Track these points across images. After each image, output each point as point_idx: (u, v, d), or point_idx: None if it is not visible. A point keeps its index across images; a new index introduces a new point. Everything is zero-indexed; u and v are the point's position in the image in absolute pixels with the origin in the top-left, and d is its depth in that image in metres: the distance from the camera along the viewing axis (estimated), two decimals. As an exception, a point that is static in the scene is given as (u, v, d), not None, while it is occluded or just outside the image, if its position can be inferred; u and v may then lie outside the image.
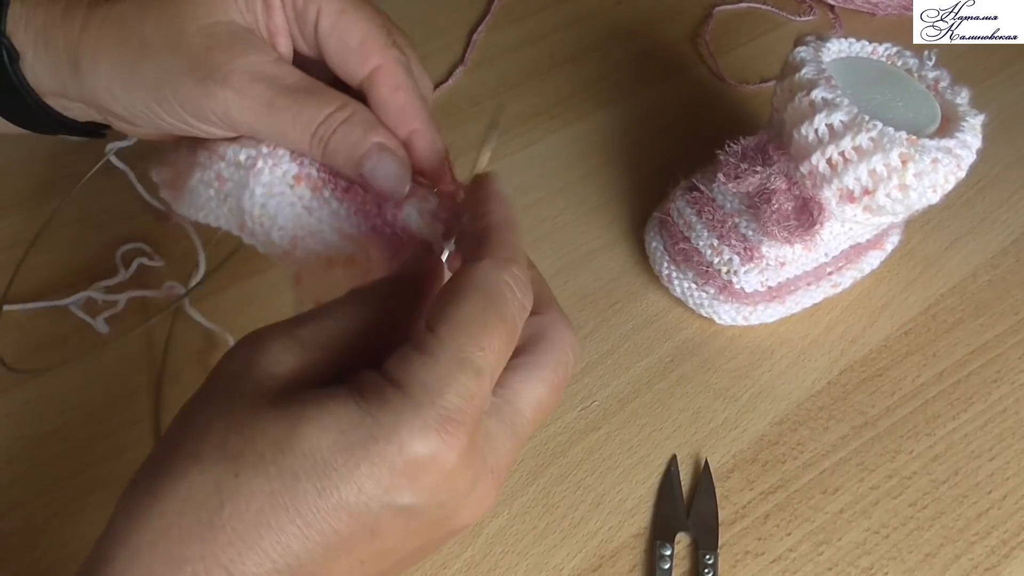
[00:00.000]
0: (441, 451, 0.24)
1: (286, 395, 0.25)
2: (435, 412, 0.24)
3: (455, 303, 0.26)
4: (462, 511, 0.26)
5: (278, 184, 0.33)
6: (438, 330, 0.25)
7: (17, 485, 0.42)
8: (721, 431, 0.46)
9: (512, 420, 0.28)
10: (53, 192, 0.54)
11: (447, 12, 0.69)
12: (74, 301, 0.48)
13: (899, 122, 0.44)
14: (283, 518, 0.24)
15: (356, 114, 0.33)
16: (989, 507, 0.43)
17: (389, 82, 0.34)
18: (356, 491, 0.24)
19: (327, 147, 0.33)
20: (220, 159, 0.34)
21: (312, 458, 0.24)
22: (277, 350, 0.26)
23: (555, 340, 0.29)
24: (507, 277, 0.27)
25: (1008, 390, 0.48)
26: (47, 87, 0.35)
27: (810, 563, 0.41)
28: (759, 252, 0.47)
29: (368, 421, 0.24)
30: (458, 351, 0.25)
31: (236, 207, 0.33)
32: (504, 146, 0.59)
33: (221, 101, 0.32)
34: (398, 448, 0.24)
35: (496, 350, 0.26)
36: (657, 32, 0.69)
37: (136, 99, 0.34)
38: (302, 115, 0.32)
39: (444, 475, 0.25)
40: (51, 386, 0.45)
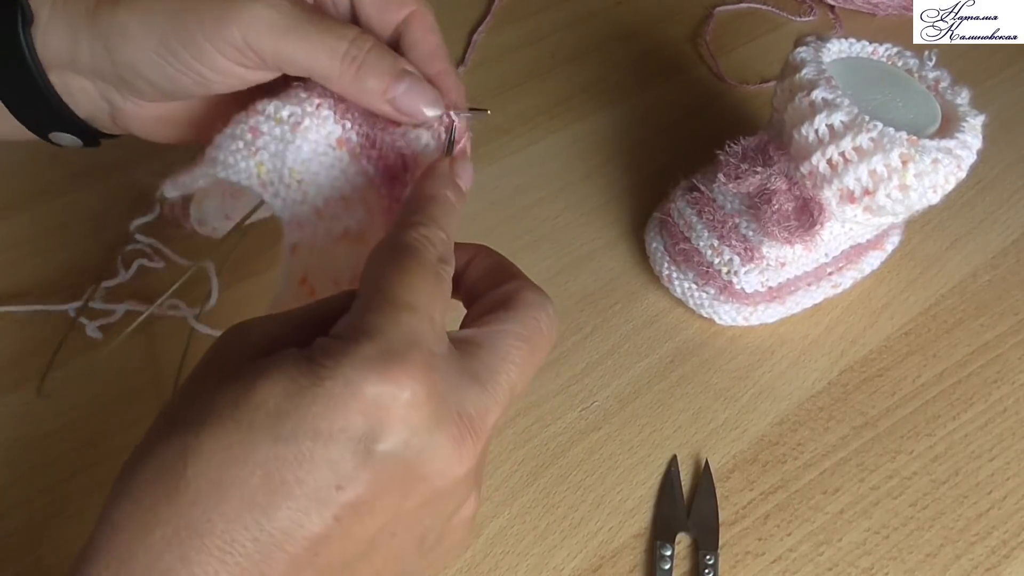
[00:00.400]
0: (390, 384, 0.24)
1: (247, 364, 0.25)
2: (375, 348, 0.24)
3: (373, 262, 0.27)
4: (430, 454, 0.25)
5: (323, 143, 0.33)
6: (365, 288, 0.27)
7: (17, 485, 0.42)
8: (721, 431, 0.46)
9: (477, 370, 0.27)
10: (53, 192, 0.54)
11: (447, 12, 0.69)
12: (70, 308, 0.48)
13: (899, 122, 0.44)
14: (244, 471, 0.23)
15: (379, 43, 0.34)
16: (989, 507, 0.43)
17: (423, 25, 0.35)
18: (311, 434, 0.24)
19: (360, 69, 0.33)
20: (258, 113, 0.33)
21: (264, 408, 0.24)
22: (252, 332, 0.27)
23: (520, 300, 0.29)
24: (415, 234, 0.28)
25: (1008, 390, 0.48)
26: (56, 54, 0.35)
27: (810, 563, 0.41)
28: (759, 252, 0.47)
29: (314, 367, 0.24)
30: (386, 295, 0.26)
31: (270, 163, 0.33)
32: (504, 146, 0.59)
33: (249, 15, 0.32)
34: (344, 385, 0.24)
35: (423, 290, 0.26)
36: (657, 32, 0.69)
37: (152, 34, 0.33)
38: (331, 33, 0.33)
39: (398, 409, 0.24)
40: (51, 387, 0.45)
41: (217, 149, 0.34)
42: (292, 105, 0.33)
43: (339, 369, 0.24)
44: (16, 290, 0.49)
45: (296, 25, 0.32)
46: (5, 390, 0.45)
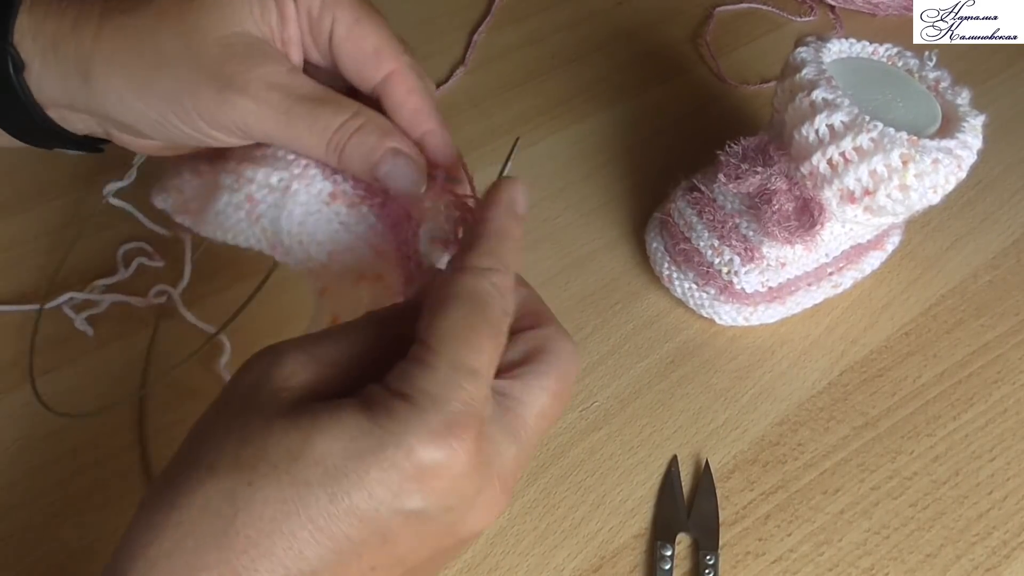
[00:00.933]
0: (448, 456, 0.25)
1: (298, 407, 0.26)
2: (440, 418, 0.25)
3: (442, 313, 0.27)
4: (469, 517, 0.27)
5: (315, 203, 0.34)
6: (429, 340, 0.26)
7: (17, 486, 0.42)
8: (722, 432, 0.46)
9: (514, 427, 0.28)
10: (53, 192, 0.54)
11: (447, 13, 0.69)
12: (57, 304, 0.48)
13: (900, 123, 0.44)
14: (295, 524, 0.24)
15: (369, 121, 0.34)
16: (990, 508, 0.43)
17: (403, 86, 0.35)
18: (367, 497, 0.24)
19: (343, 153, 0.34)
20: (249, 182, 0.34)
21: (323, 465, 0.24)
22: (291, 364, 0.27)
23: (555, 351, 0.30)
24: (488, 285, 0.28)
25: (1009, 390, 0.48)
26: (52, 98, 0.36)
27: (811, 563, 0.41)
28: (760, 253, 0.47)
29: (377, 430, 0.25)
30: (452, 357, 0.26)
31: (271, 228, 0.34)
32: (505, 147, 0.59)
33: (240, 110, 0.33)
34: (406, 454, 0.24)
35: (487, 351, 0.27)
36: (658, 33, 0.69)
37: (151, 109, 0.34)
38: (317, 123, 0.33)
39: (452, 479, 0.25)
40: (51, 388, 0.45)
41: (220, 216, 0.35)
42: (280, 171, 0.34)
43: (403, 437, 0.25)
44: (17, 290, 0.49)
45: (284, 118, 0.33)
46: (5, 390, 0.45)
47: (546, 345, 0.30)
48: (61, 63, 0.34)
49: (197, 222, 0.36)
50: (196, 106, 0.33)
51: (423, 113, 0.35)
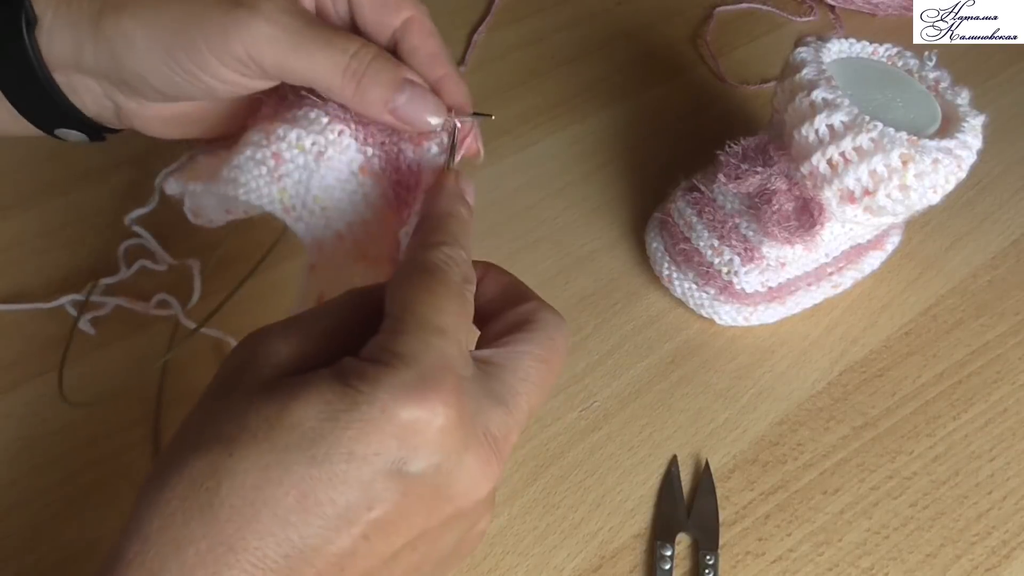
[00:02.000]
0: (425, 410, 0.25)
1: (278, 381, 0.26)
2: (411, 373, 0.25)
3: (401, 285, 0.28)
4: (459, 477, 0.26)
5: (345, 171, 0.34)
6: (394, 310, 0.27)
7: (17, 486, 0.42)
8: (722, 431, 0.46)
9: (498, 390, 0.28)
10: (53, 192, 0.54)
11: (447, 13, 0.69)
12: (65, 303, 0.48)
13: (900, 123, 0.44)
14: (278, 491, 0.24)
15: (382, 52, 0.34)
16: (989, 507, 0.43)
17: (422, 30, 0.35)
18: (346, 456, 0.24)
19: (362, 80, 0.33)
20: (280, 139, 0.34)
21: (300, 429, 0.24)
22: (274, 343, 0.27)
23: (538, 321, 0.30)
24: (439, 254, 0.29)
25: (1009, 390, 0.48)
26: (61, 56, 0.35)
27: (811, 563, 0.41)
28: (759, 253, 0.47)
29: (350, 391, 0.25)
30: (416, 318, 0.26)
31: (294, 190, 0.34)
32: (505, 147, 0.59)
33: (251, 32, 0.32)
34: (381, 410, 0.25)
35: (450, 312, 0.27)
36: (658, 33, 0.69)
37: (157, 43, 0.33)
38: (332, 47, 0.33)
39: (433, 434, 0.25)
40: (51, 387, 0.45)
41: (237, 170, 0.34)
42: (315, 134, 0.34)
43: (375, 394, 0.25)
44: (17, 290, 0.49)
45: (297, 40, 0.33)
46: (5, 390, 0.45)
47: (529, 316, 0.30)
48: (74, 12, 0.34)
49: (209, 182, 0.36)
50: (204, 32, 0.33)
51: (440, 57, 0.35)
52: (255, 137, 0.34)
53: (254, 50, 0.33)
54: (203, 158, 0.38)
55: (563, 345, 0.30)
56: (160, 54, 0.33)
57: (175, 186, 0.39)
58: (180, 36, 0.33)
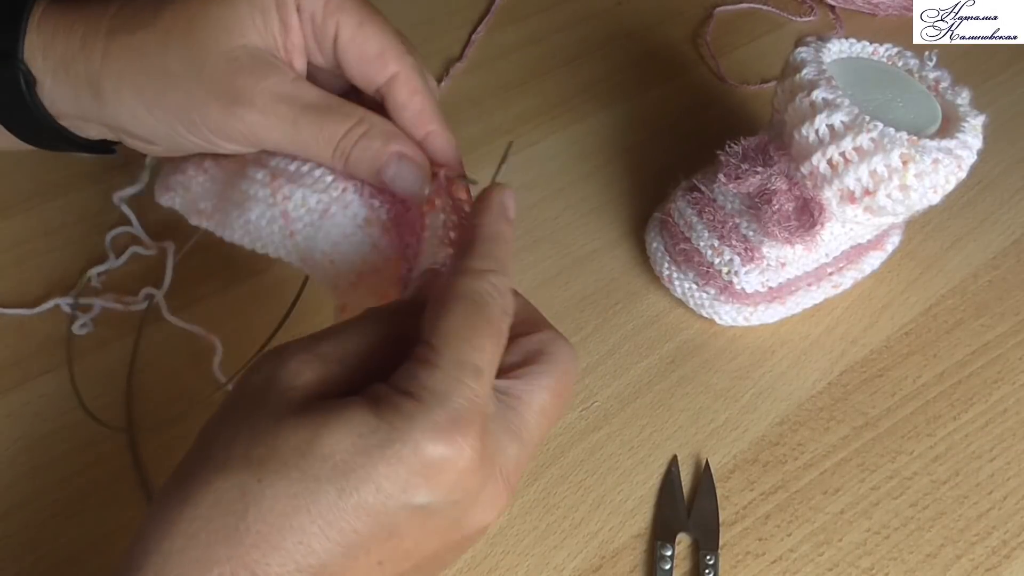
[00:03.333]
0: (453, 450, 0.25)
1: (306, 405, 0.26)
2: (445, 414, 0.25)
3: (444, 314, 0.28)
4: (474, 512, 0.27)
5: (350, 226, 0.35)
6: (432, 340, 0.27)
7: (17, 486, 0.42)
8: (722, 431, 0.46)
9: (516, 425, 0.29)
10: (53, 192, 0.54)
11: (447, 13, 0.69)
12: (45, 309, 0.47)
13: (900, 123, 0.44)
14: (305, 519, 0.25)
15: (374, 127, 0.35)
16: (990, 507, 0.43)
17: (407, 87, 0.36)
18: (374, 491, 0.25)
19: (349, 159, 0.35)
20: (286, 199, 0.35)
21: (332, 461, 0.25)
22: (296, 364, 0.27)
23: (553, 353, 0.30)
24: (487, 286, 0.28)
25: (1009, 390, 0.48)
26: (64, 111, 0.37)
27: (811, 563, 0.41)
28: (760, 253, 0.47)
29: (384, 426, 0.25)
30: (456, 355, 0.27)
31: (305, 245, 0.35)
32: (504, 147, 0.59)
33: (248, 123, 0.34)
34: (413, 449, 0.25)
35: (488, 351, 0.27)
36: (658, 33, 0.69)
37: (161, 123, 0.35)
38: (324, 131, 0.34)
39: (457, 474, 0.26)
40: (51, 387, 0.45)
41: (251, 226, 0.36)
42: (319, 192, 0.35)
43: (410, 433, 0.25)
44: (17, 289, 0.49)
45: (291, 128, 0.34)
46: (5, 390, 0.45)
47: (544, 348, 0.30)
48: (72, 81, 0.35)
49: (220, 226, 0.37)
50: (205, 120, 0.34)
51: (426, 114, 0.36)
52: (260, 193, 0.35)
53: (252, 137, 0.34)
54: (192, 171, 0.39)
55: (574, 377, 0.31)
56: (164, 129, 0.35)
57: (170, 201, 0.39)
58: (183, 119, 0.35)
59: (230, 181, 0.37)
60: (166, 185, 0.39)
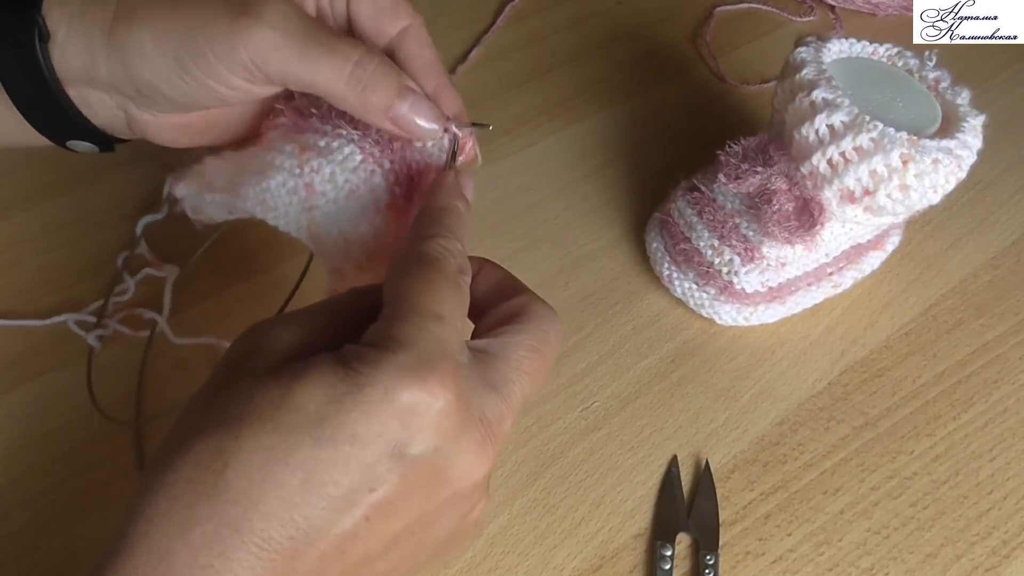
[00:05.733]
0: (423, 393, 0.26)
1: (281, 365, 0.27)
2: (410, 357, 0.26)
3: (399, 275, 0.28)
4: (457, 459, 0.27)
5: (371, 208, 0.35)
6: (392, 299, 0.28)
7: (17, 486, 0.42)
8: (722, 431, 0.46)
9: (493, 378, 0.29)
10: (53, 192, 0.54)
11: (448, 13, 0.69)
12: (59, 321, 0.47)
13: (900, 123, 0.44)
14: (283, 472, 0.25)
15: (384, 59, 0.34)
16: (990, 507, 0.43)
17: (418, 40, 0.36)
18: (350, 437, 0.25)
19: (364, 89, 0.34)
20: (313, 172, 0.34)
21: (305, 411, 0.25)
22: (277, 331, 0.28)
23: (530, 312, 0.31)
24: (436, 246, 0.29)
25: (1009, 390, 0.48)
26: (73, 70, 0.36)
27: (811, 563, 0.41)
28: (760, 252, 0.47)
29: (352, 374, 0.25)
30: (414, 306, 0.27)
31: (323, 220, 0.35)
32: (505, 146, 0.59)
33: (256, 39, 0.33)
34: (383, 393, 0.25)
35: (447, 300, 0.28)
36: (658, 33, 0.69)
37: (167, 52, 0.34)
38: (336, 54, 0.33)
39: (432, 417, 0.26)
40: (51, 387, 0.45)
41: (268, 194, 0.35)
42: (348, 171, 0.35)
43: (377, 376, 0.25)
44: (17, 290, 0.49)
45: (301, 47, 0.33)
46: (5, 391, 0.45)
47: (521, 308, 0.31)
48: (87, 25, 0.35)
49: (232, 196, 0.36)
50: (211, 41, 0.33)
51: (435, 67, 0.36)
52: (287, 163, 0.35)
53: (258, 57, 0.33)
54: (210, 159, 0.38)
55: (555, 337, 0.31)
56: (170, 62, 0.34)
57: (185, 189, 0.39)
58: (188, 44, 0.33)
59: (251, 157, 0.37)
60: (182, 175, 0.39)
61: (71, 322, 0.47)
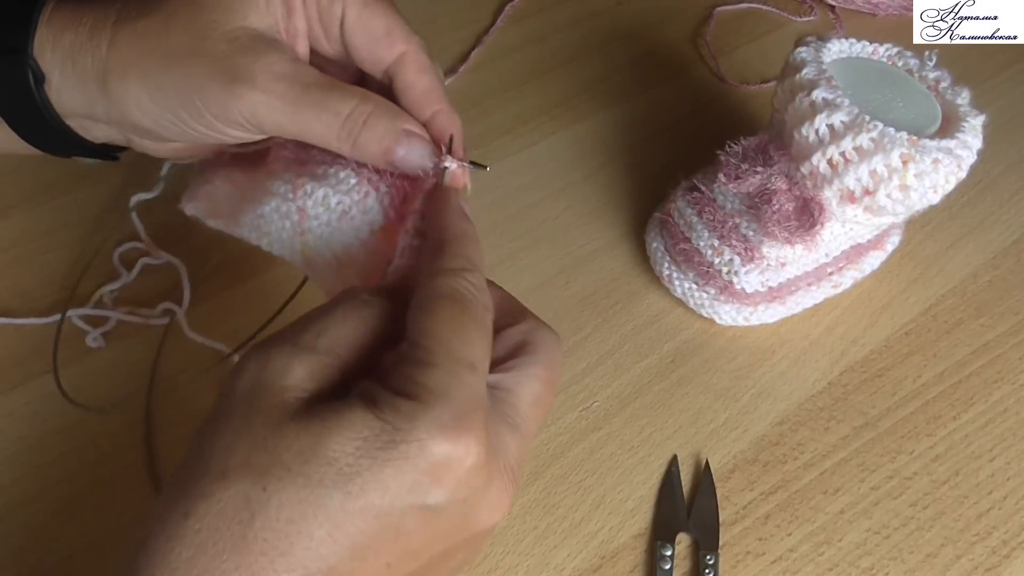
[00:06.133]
0: (461, 449, 0.25)
1: (303, 407, 0.26)
2: (449, 412, 0.25)
3: (429, 314, 0.28)
4: (481, 508, 0.27)
5: (365, 231, 0.35)
6: (422, 341, 0.27)
7: (17, 486, 0.42)
8: (722, 431, 0.46)
9: (512, 417, 0.29)
10: (53, 192, 0.54)
11: (448, 13, 0.69)
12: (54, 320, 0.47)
13: (900, 123, 0.44)
14: (312, 524, 0.24)
15: (378, 106, 0.34)
16: (990, 507, 0.43)
17: (415, 66, 0.36)
18: (382, 493, 0.25)
19: (357, 141, 0.34)
20: (306, 196, 0.35)
21: (337, 465, 0.25)
22: (283, 361, 0.27)
23: (539, 342, 0.31)
24: (465, 283, 0.29)
25: (1009, 390, 0.48)
26: (71, 108, 0.36)
27: (811, 563, 0.41)
28: (760, 252, 0.47)
29: (388, 428, 0.25)
30: (448, 352, 0.26)
31: (315, 244, 0.35)
32: (505, 147, 0.59)
33: (248, 102, 0.33)
34: (419, 449, 0.25)
35: (478, 345, 0.28)
36: (658, 33, 0.69)
37: (164, 108, 0.35)
38: (327, 111, 0.34)
39: (465, 472, 0.26)
40: (51, 387, 0.45)
41: (262, 220, 0.35)
42: (341, 194, 0.35)
43: (414, 433, 0.25)
44: (16, 289, 0.49)
45: (293, 108, 0.33)
46: (5, 390, 0.45)
47: (529, 338, 0.31)
48: (80, 73, 0.35)
49: (230, 223, 0.37)
50: (205, 102, 0.34)
51: (434, 93, 0.36)
52: (281, 188, 0.35)
53: (252, 118, 0.34)
54: (221, 183, 0.39)
55: (560, 362, 0.31)
56: (168, 115, 0.35)
57: (194, 209, 0.40)
58: (183, 102, 0.34)
59: (255, 185, 0.37)
60: (193, 195, 0.40)
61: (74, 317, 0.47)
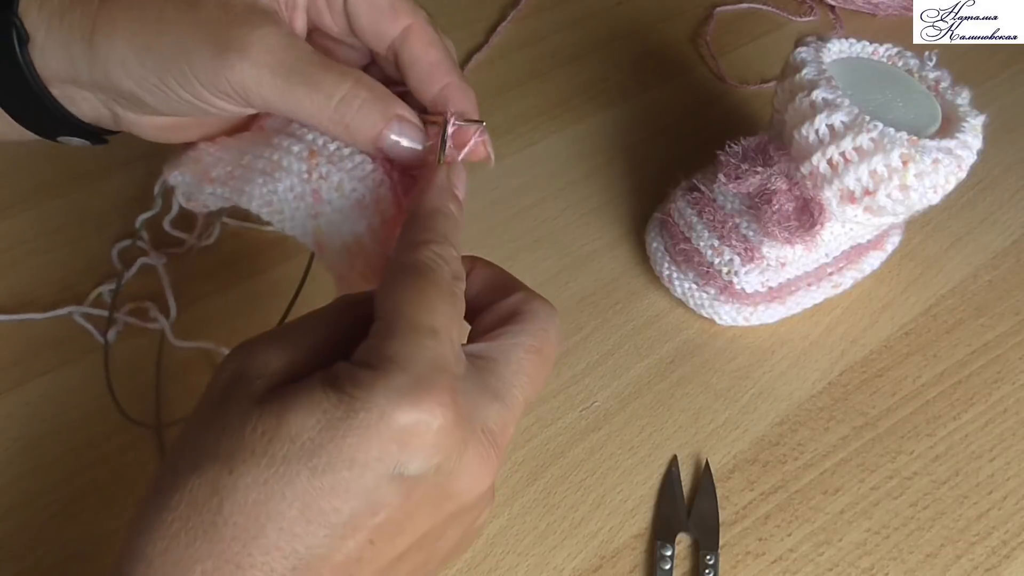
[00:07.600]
0: (422, 413, 0.25)
1: (269, 394, 0.26)
2: (406, 377, 0.25)
3: (391, 286, 0.27)
4: (460, 475, 0.26)
5: (377, 220, 0.34)
6: (384, 312, 0.27)
7: (17, 486, 0.42)
8: (722, 432, 0.46)
9: (492, 385, 0.28)
10: (53, 192, 0.54)
11: (448, 13, 0.69)
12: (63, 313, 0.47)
13: (900, 123, 0.44)
14: (281, 504, 0.24)
15: (372, 90, 0.34)
16: (990, 507, 0.43)
17: (422, 39, 0.35)
18: (348, 464, 0.24)
19: (347, 127, 0.33)
20: (322, 179, 0.34)
21: (299, 441, 0.24)
22: (264, 355, 0.27)
23: (527, 311, 0.30)
24: (428, 253, 0.28)
25: (1009, 390, 0.48)
26: (56, 72, 0.35)
27: (811, 563, 0.41)
28: (760, 253, 0.47)
29: (345, 398, 0.25)
30: (408, 320, 0.26)
31: (327, 228, 0.34)
32: (505, 146, 0.59)
33: (238, 72, 0.32)
34: (379, 416, 0.24)
35: (441, 311, 0.27)
36: (658, 33, 0.69)
37: (150, 71, 0.34)
38: (320, 90, 0.33)
39: (432, 436, 0.25)
40: (51, 387, 0.45)
41: (274, 196, 0.34)
42: (356, 180, 0.34)
43: (372, 400, 0.24)
44: (16, 289, 0.49)
45: (284, 84, 0.33)
46: (5, 390, 0.45)
47: (519, 307, 0.30)
48: (66, 31, 0.34)
49: (237, 191, 0.36)
50: (194, 69, 0.33)
51: (443, 66, 0.35)
52: (296, 166, 0.34)
53: (241, 89, 0.33)
54: (205, 146, 0.38)
55: (555, 334, 0.30)
56: (154, 79, 0.34)
57: (179, 177, 0.38)
58: (172, 65, 0.33)
59: (252, 149, 0.36)
60: (175, 163, 0.38)
61: (76, 315, 0.47)
